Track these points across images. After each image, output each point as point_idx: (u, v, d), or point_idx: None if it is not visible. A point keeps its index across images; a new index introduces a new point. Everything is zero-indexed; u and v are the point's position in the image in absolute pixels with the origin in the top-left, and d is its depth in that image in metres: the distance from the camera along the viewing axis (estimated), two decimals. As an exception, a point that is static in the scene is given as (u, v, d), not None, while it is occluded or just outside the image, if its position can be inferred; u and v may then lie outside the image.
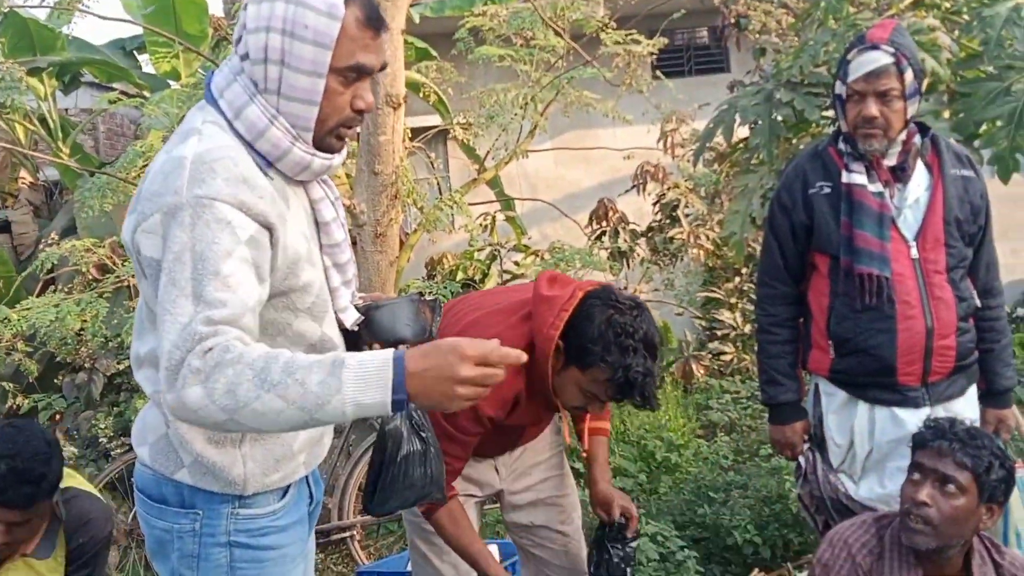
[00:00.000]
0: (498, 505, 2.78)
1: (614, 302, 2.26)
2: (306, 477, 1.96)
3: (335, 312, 1.86)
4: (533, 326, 2.28)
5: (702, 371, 7.71)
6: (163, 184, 1.60)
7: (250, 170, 1.64)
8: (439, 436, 2.06)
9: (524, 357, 1.53)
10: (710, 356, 8.07)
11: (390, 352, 1.50)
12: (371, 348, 1.87)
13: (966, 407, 2.71)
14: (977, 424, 2.68)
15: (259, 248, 1.60)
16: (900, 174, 2.67)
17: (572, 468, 2.86)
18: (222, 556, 1.77)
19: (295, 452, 1.82)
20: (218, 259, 1.53)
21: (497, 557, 3.57)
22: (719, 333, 8.11)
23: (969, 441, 2.06)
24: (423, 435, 2.06)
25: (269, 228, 1.63)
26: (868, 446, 2.65)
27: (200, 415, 1.48)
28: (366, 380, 1.46)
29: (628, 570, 2.51)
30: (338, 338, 1.87)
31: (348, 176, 5.51)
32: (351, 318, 1.86)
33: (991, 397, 2.83)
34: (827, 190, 2.70)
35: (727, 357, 7.93)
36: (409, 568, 2.82)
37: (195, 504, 1.75)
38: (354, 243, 5.00)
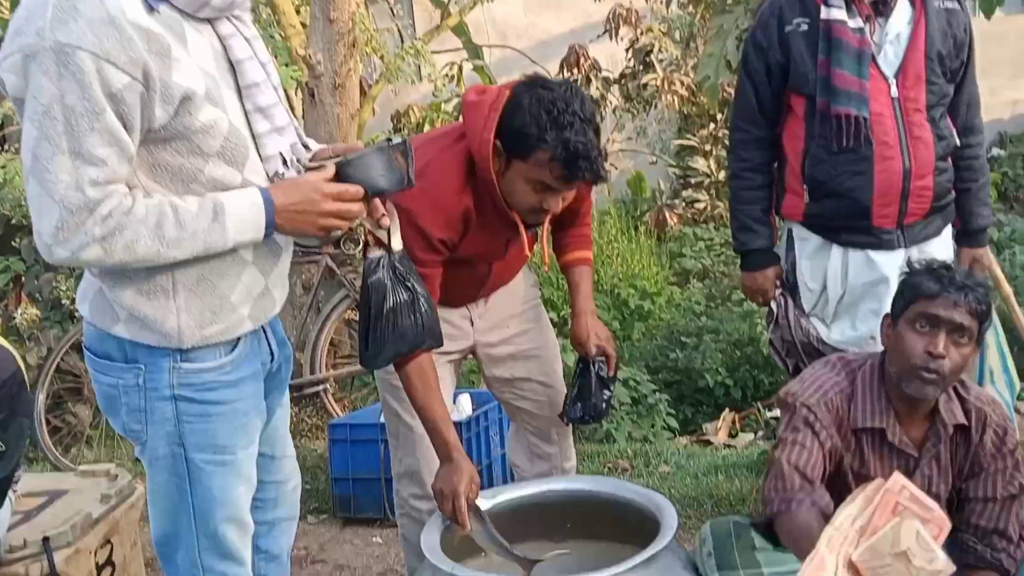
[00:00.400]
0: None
1: (541, 84, 2.18)
2: (265, 334, 1.92)
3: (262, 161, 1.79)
4: (468, 138, 2.20)
5: (676, 220, 7.66)
6: (26, 22, 1.53)
7: (119, 6, 1.55)
8: None
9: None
10: (684, 204, 8.02)
11: (258, 194, 1.70)
12: None
13: (941, 248, 2.68)
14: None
15: (129, 97, 1.56)
16: (882, 8, 2.54)
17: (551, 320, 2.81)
18: (168, 410, 1.76)
19: (234, 305, 1.79)
20: (91, 114, 1.52)
21: (469, 407, 3.61)
22: (693, 181, 8.03)
23: (975, 287, 2.00)
24: (408, 284, 2.01)
25: (143, 72, 1.56)
26: (841, 290, 2.63)
27: (93, 266, 1.68)
28: (244, 222, 1.67)
29: (604, 407, 2.47)
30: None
31: (304, 25, 5.26)
32: (273, 167, 1.78)
33: (967, 236, 2.80)
34: (804, 27, 2.58)
35: (701, 205, 7.88)
36: (382, 419, 2.81)
37: (137, 358, 1.75)
38: (312, 95, 4.82)
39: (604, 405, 2.47)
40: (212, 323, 1.76)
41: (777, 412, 4.26)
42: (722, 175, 7.65)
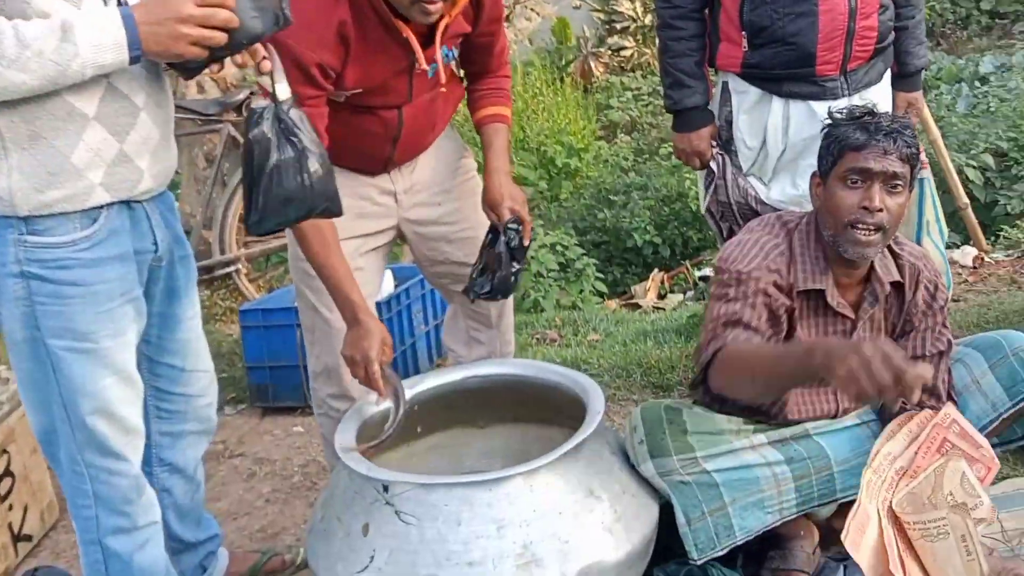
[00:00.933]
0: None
1: None
2: (147, 218, 1.79)
3: None
4: None
5: (602, 69, 7.39)
6: None
7: None
8: None
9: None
10: (610, 52, 7.74)
11: (115, 10, 1.56)
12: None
13: (881, 94, 2.52)
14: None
15: None
16: None
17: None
18: (19, 288, 1.66)
19: (78, 168, 1.63)
20: None
21: (390, 284, 3.41)
22: (619, 26, 7.72)
23: (903, 130, 1.88)
24: (294, 139, 1.76)
25: None
26: (782, 145, 2.45)
27: None
28: (101, 43, 1.53)
29: (514, 280, 2.25)
30: None
31: None
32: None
33: (903, 80, 2.64)
34: None
35: (627, 52, 7.60)
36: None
37: None
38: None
39: (513, 279, 2.24)
40: (51, 187, 1.62)
41: (707, 271, 4.16)
42: (648, 19, 7.35)
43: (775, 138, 2.44)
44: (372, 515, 1.83)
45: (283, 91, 1.76)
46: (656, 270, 5.15)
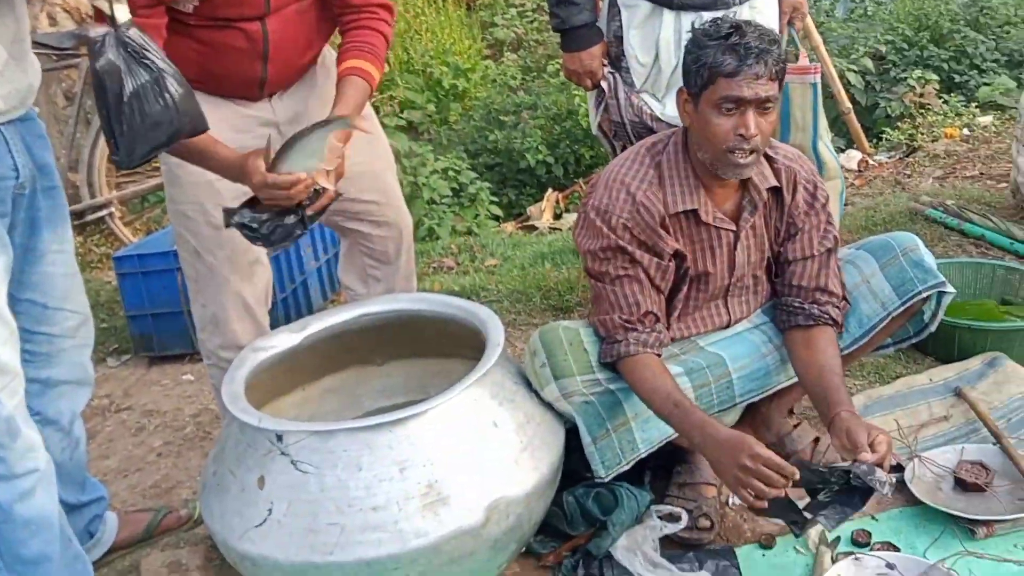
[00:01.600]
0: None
1: None
2: (5, 140, 1.68)
3: None
4: None
5: (484, -15, 7.18)
6: None
7: None
8: None
9: None
10: (491, -32, 7.53)
11: None
12: None
13: (767, 2, 2.47)
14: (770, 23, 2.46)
15: None
16: None
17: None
18: None
19: None
20: None
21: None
22: (498, -59, 7.50)
23: (770, 47, 1.84)
24: (147, 62, 1.62)
25: None
26: (675, 60, 2.35)
27: None
28: None
29: (282, 238, 2.03)
30: None
31: None
32: None
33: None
34: None
35: (509, -32, 7.40)
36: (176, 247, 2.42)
37: None
38: None
39: (281, 237, 1.98)
40: None
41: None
42: (529, -67, 7.16)
43: (668, 52, 2.36)
44: (267, 467, 1.74)
45: (122, 12, 1.61)
46: (550, 190, 5.10)
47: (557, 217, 4.73)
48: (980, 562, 1.90)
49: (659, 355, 1.96)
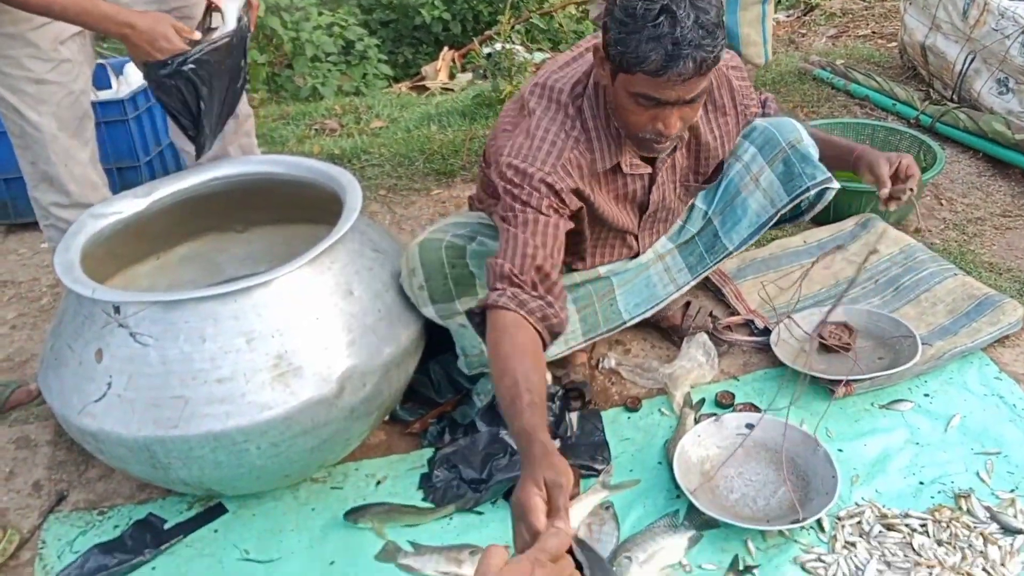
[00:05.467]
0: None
1: None
2: None
3: None
4: None
5: None
6: None
7: None
8: None
9: None
10: None
11: None
12: None
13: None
14: None
15: None
16: None
17: None
18: None
19: None
20: None
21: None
22: None
23: (709, 37, 1.51)
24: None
25: None
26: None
27: None
28: None
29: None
30: None
31: None
32: None
33: None
34: None
35: None
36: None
37: None
38: None
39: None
40: None
41: (498, 47, 3.95)
42: None
43: None
44: (105, 340, 1.64)
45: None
46: (446, 48, 4.90)
47: (452, 77, 4.56)
48: (836, 422, 1.93)
49: (537, 329, 1.59)
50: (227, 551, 1.75)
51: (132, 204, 1.95)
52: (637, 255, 2.08)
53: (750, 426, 1.87)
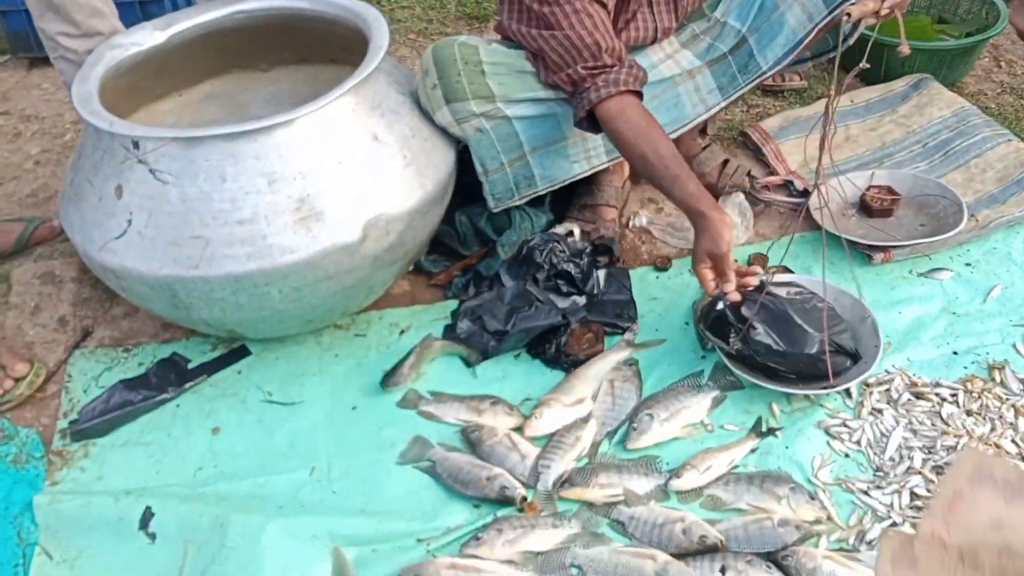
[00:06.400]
0: None
1: None
2: None
3: None
4: None
5: None
6: None
7: None
8: None
9: None
10: None
11: None
12: None
13: None
14: None
15: None
16: None
17: None
18: None
19: None
20: None
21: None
22: None
23: None
24: None
25: None
26: None
27: None
28: None
29: None
30: None
31: None
32: None
33: None
34: None
35: None
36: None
37: None
38: None
39: None
40: None
41: None
42: None
43: None
44: (124, 176, 1.61)
45: None
46: None
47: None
48: (872, 288, 1.88)
49: (639, 94, 1.74)
50: (250, 392, 1.77)
51: (151, 36, 1.87)
52: (655, 39, 1.98)
53: (799, 290, 1.78)
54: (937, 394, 1.63)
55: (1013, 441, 1.54)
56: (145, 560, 1.46)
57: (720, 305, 1.67)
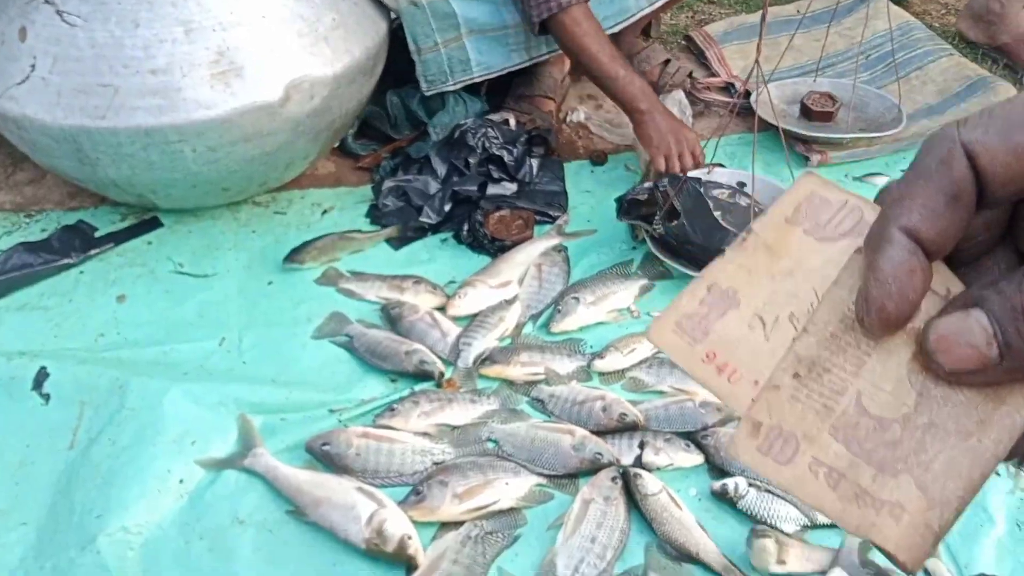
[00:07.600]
0: None
1: None
2: None
3: None
4: None
5: None
6: None
7: None
8: None
9: None
10: None
11: None
12: None
13: None
14: None
15: None
16: None
17: None
18: None
19: None
20: None
21: None
22: None
23: None
24: None
25: None
26: None
27: None
28: None
29: None
30: None
31: None
32: None
33: None
34: None
35: None
36: None
37: None
38: None
39: None
40: None
41: None
42: None
43: None
44: (29, 17, 1.50)
45: None
46: None
47: None
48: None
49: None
50: (160, 263, 1.68)
51: None
52: None
53: (741, 184, 1.76)
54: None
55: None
56: (38, 420, 1.38)
57: (647, 187, 1.63)
